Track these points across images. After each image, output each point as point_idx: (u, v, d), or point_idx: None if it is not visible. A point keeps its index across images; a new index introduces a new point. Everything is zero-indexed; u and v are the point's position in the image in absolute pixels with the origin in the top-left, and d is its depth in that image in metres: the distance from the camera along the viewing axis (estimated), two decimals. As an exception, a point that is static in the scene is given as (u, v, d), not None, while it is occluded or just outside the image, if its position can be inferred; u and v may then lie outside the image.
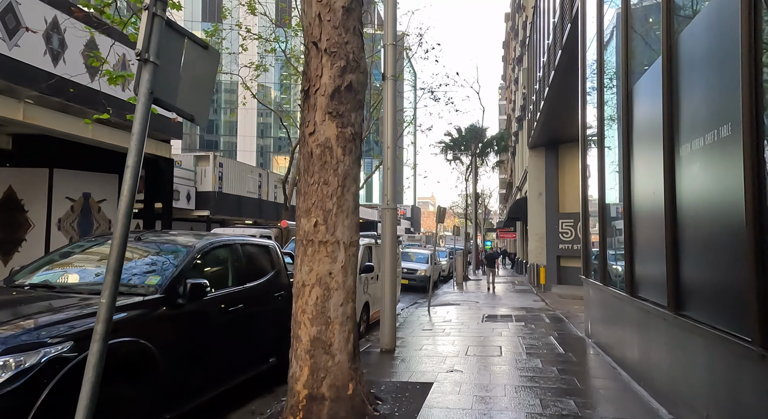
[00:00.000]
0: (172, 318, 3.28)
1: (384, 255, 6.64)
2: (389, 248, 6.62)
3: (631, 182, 4.92)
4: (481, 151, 34.60)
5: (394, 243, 6.65)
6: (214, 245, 4.06)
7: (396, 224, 6.79)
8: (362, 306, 7.88)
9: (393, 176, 6.72)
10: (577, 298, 12.97)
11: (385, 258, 6.63)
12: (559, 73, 10.77)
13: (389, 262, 6.60)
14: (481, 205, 46.15)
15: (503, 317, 9.82)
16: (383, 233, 6.69)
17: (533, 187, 19.19)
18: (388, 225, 6.64)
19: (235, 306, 4.04)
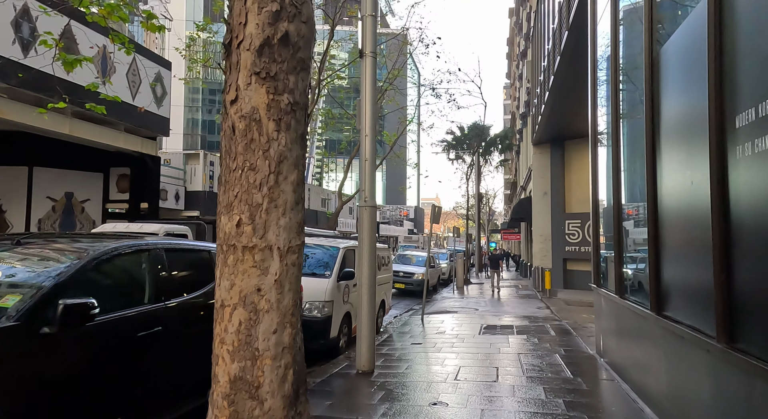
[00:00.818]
0: (31, 354, 2.37)
1: (361, 260, 5.71)
2: (367, 253, 5.69)
3: (657, 172, 3.96)
4: (485, 150, 33.60)
5: (373, 246, 5.72)
6: (121, 251, 3.14)
7: (375, 224, 5.86)
8: (342, 317, 6.96)
9: (372, 169, 5.79)
10: (585, 305, 11.97)
11: (362, 265, 5.70)
12: (566, 58, 9.80)
13: (366, 269, 5.67)
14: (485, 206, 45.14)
15: (503, 328, 8.85)
16: (360, 235, 5.76)
17: (538, 186, 18.19)
18: (366, 226, 5.71)
19: (149, 330, 3.12)
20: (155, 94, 16.21)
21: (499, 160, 35.77)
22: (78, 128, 13.51)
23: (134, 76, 15.10)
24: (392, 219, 61.33)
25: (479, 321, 9.99)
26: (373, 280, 5.71)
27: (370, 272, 5.68)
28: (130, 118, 14.96)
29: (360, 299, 5.65)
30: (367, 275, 5.67)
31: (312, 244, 7.42)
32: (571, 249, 16.64)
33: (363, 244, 5.70)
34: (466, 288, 19.00)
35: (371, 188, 5.79)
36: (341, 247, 7.24)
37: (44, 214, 16.40)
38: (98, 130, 14.36)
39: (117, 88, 14.22)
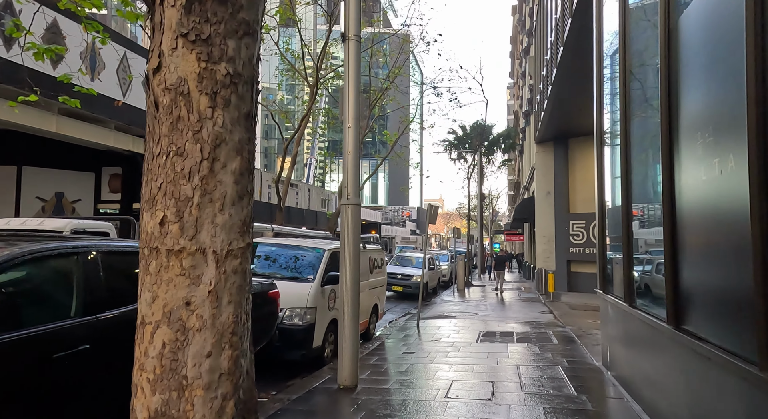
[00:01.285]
0: None
1: (343, 264, 5.19)
2: (349, 255, 5.17)
3: (675, 163, 3.43)
4: (487, 149, 33.05)
5: (356, 248, 5.20)
6: (39, 255, 2.63)
7: (358, 224, 5.35)
8: (327, 325, 6.44)
9: (355, 164, 5.28)
10: (590, 309, 11.41)
11: (344, 269, 5.18)
12: (569, 49, 9.27)
13: (349, 273, 5.15)
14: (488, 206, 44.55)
15: (503, 335, 8.31)
16: (342, 235, 5.25)
17: (541, 186, 17.64)
18: (349, 226, 5.20)
19: (72, 349, 2.62)
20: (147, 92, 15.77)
21: (502, 160, 35.20)
22: (65, 126, 13.05)
23: (125, 73, 14.65)
24: (394, 220, 60.81)
25: (478, 327, 9.46)
26: (356, 285, 5.19)
27: (352, 276, 5.16)
28: (120, 115, 14.48)
29: (342, 307, 5.13)
30: (350, 280, 5.15)
31: (293, 246, 6.92)
32: (575, 251, 16.08)
33: (345, 246, 5.19)
34: (467, 291, 18.45)
35: (354, 184, 5.28)
36: (326, 249, 6.73)
37: (33, 215, 15.98)
38: (87, 127, 13.89)
39: (106, 85, 13.79)
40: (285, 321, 5.88)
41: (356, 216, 5.27)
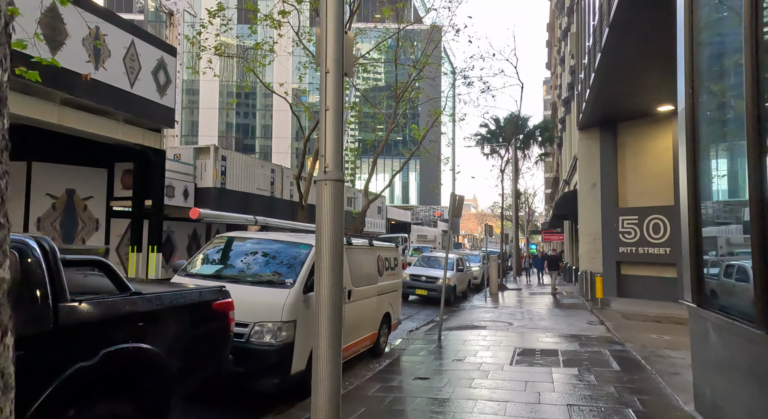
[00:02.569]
0: None
1: (319, 263, 3.69)
2: (327, 252, 3.66)
3: None
4: (523, 143, 30.91)
5: (337, 241, 3.69)
6: None
7: (340, 207, 3.83)
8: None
9: (337, 124, 3.78)
10: (650, 320, 9.47)
11: (320, 270, 3.68)
12: (623, 8, 7.43)
13: (326, 277, 3.64)
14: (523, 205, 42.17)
15: (545, 355, 6.60)
16: (318, 223, 3.75)
17: (585, 177, 15.62)
18: (327, 211, 3.70)
19: None
20: (157, 82, 14.79)
21: (539, 154, 32.94)
22: (68, 117, 12.14)
23: (132, 62, 13.67)
24: (425, 220, 59.06)
25: (513, 341, 7.77)
26: (337, 294, 3.68)
27: (331, 282, 3.65)
28: (129, 107, 13.50)
29: (317, 325, 3.63)
30: (327, 287, 3.65)
31: (271, 240, 5.49)
32: (626, 251, 14.01)
33: (322, 239, 3.69)
34: (501, 295, 16.62)
35: (336, 153, 3.77)
36: (313, 245, 5.27)
37: (44, 212, 15.31)
38: (92, 119, 12.94)
39: (113, 75, 12.87)
40: (253, 339, 4.45)
41: (337, 197, 3.76)
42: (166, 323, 3.04)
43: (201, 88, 53.13)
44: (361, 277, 6.38)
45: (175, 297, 3.15)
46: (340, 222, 3.81)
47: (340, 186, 3.83)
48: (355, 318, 6.13)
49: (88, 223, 16.27)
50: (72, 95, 11.66)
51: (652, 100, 12.21)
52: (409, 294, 14.32)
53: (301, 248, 5.25)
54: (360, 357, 6.63)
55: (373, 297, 6.78)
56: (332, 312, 3.70)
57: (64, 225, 16.08)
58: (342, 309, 3.78)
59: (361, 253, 6.53)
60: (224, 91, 56.05)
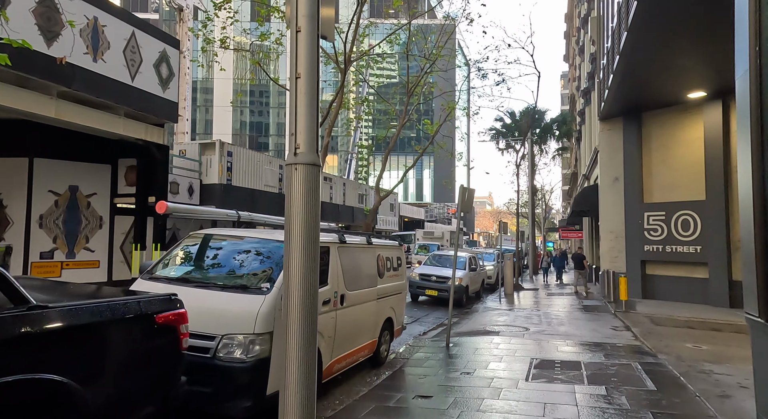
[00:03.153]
0: None
1: (287, 262, 2.99)
2: (298, 248, 2.97)
3: None
4: (539, 137, 29.83)
5: (311, 237, 2.99)
6: None
7: (315, 196, 3.12)
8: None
9: (310, 95, 3.07)
10: (681, 326, 8.58)
11: (288, 270, 2.98)
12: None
13: (296, 278, 2.94)
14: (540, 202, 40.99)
15: (566, 368, 5.82)
16: (287, 216, 3.05)
17: (606, 171, 14.67)
18: (299, 202, 3.00)
19: None
20: (160, 75, 14.29)
21: (557, 149, 31.81)
22: (66, 111, 11.67)
23: (133, 54, 13.17)
24: (439, 218, 58.17)
25: (529, 350, 7.00)
26: (311, 303, 2.98)
27: (305, 287, 2.95)
28: (130, 100, 12.98)
29: (285, 341, 2.94)
30: (300, 292, 2.95)
31: (247, 238, 4.81)
32: (651, 249, 13.05)
33: (292, 234, 2.99)
34: (517, 295, 15.78)
35: (309, 131, 3.06)
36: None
37: (46, 210, 14.95)
38: (91, 113, 12.45)
39: (112, 67, 12.39)
40: (221, 355, 3.79)
41: (311, 185, 3.05)
42: (84, 345, 2.39)
43: (215, 87, 53.14)
44: (357, 280, 5.68)
45: (99, 310, 2.49)
46: (314, 216, 3.10)
47: (315, 172, 3.12)
48: (351, 326, 5.44)
49: (91, 221, 15.88)
50: (69, 88, 11.18)
51: (682, 86, 11.24)
52: (419, 294, 13.59)
53: (281, 247, 4.57)
54: (359, 367, 5.95)
55: (372, 302, 6.08)
56: (305, 325, 3.01)
57: (67, 222, 15.71)
58: (316, 321, 3.09)
59: (357, 253, 5.83)
60: (238, 89, 56.04)
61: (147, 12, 53.44)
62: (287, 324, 3.00)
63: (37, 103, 11.07)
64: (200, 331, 3.82)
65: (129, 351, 2.70)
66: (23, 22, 10.19)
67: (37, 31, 10.58)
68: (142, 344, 2.78)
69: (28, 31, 10.21)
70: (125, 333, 2.68)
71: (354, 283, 5.57)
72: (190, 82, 25.15)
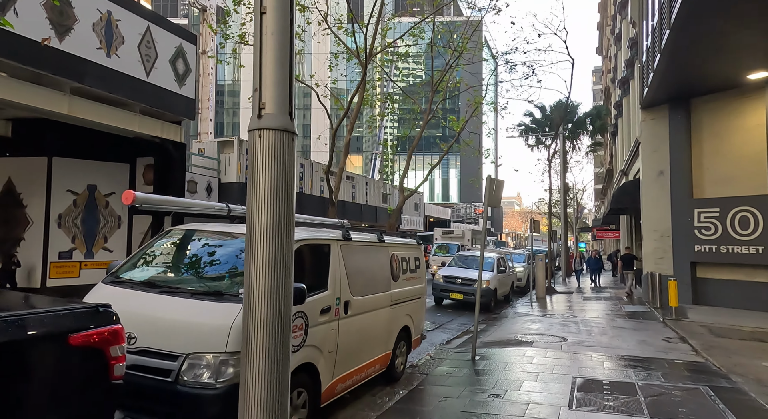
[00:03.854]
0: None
1: (248, 258, 2.19)
2: (265, 244, 2.16)
3: None
4: (571, 132, 28.32)
5: (284, 226, 2.17)
6: None
7: (290, 172, 2.31)
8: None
9: (281, 47, 2.28)
10: (748, 338, 7.37)
11: (249, 268, 2.18)
12: None
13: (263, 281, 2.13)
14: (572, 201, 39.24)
15: (617, 391, 4.83)
16: (250, 198, 2.26)
17: (649, 164, 13.38)
18: (265, 177, 2.20)
19: None
20: (176, 71, 13.84)
21: (591, 144, 30.20)
22: (80, 108, 11.30)
23: (148, 49, 12.73)
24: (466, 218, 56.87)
25: (569, 366, 6.01)
26: (281, 316, 2.16)
27: (272, 291, 2.14)
28: (145, 97, 12.51)
29: (243, 363, 2.14)
30: (265, 299, 2.14)
31: (229, 234, 4.04)
32: (703, 250, 11.72)
33: (254, 222, 2.19)
34: (549, 299, 14.63)
35: (279, 86, 2.25)
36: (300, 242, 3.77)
37: (65, 209, 14.74)
38: (105, 110, 12.03)
39: (127, 63, 11.98)
40: (185, 378, 3.02)
41: (282, 156, 2.23)
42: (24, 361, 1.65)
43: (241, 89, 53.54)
44: (365, 283, 4.85)
45: (17, 325, 1.74)
46: (286, 200, 2.28)
47: (288, 141, 2.29)
48: (357, 338, 4.61)
49: (110, 220, 15.62)
50: (82, 84, 10.76)
51: (742, 65, 9.93)
52: (443, 298, 12.65)
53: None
54: (371, 383, 5.13)
55: (384, 309, 5.24)
56: (273, 347, 2.20)
57: (85, 222, 15.47)
58: (289, 342, 2.27)
59: (366, 252, 5.00)
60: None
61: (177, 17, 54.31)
62: (244, 348, 2.19)
63: (50, 99, 10.67)
64: (160, 349, 3.06)
65: (25, 384, 1.94)
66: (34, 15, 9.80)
67: (48, 25, 10.20)
68: (46, 374, 2.02)
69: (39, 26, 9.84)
70: (18, 360, 1.92)
71: (361, 288, 4.74)
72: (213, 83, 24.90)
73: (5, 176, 14.31)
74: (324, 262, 4.19)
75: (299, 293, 3.37)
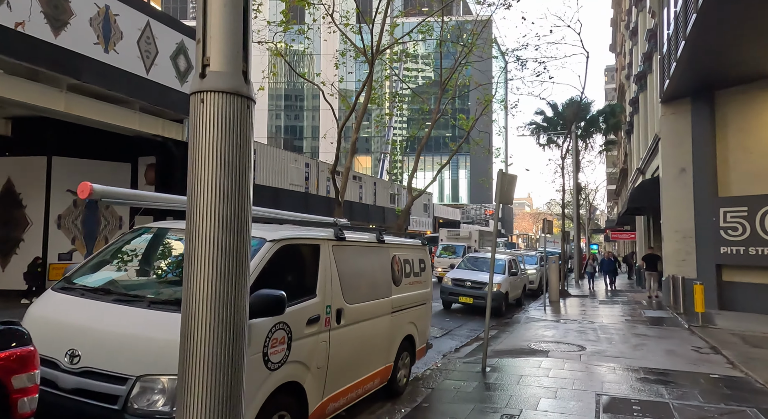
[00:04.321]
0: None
1: (191, 258, 1.67)
2: (209, 235, 1.64)
3: None
4: (584, 131, 27.52)
5: (237, 217, 1.64)
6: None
7: (247, 142, 1.77)
8: (260, 404, 2.94)
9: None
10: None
11: (190, 274, 1.65)
12: None
13: (203, 285, 1.61)
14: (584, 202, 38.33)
15: (649, 412, 4.22)
16: (190, 171, 1.74)
17: (670, 161, 12.67)
18: (211, 149, 1.68)
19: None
20: (177, 68, 13.44)
21: (604, 142, 29.35)
22: (77, 105, 10.91)
23: (148, 45, 12.33)
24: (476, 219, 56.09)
25: (591, 380, 5.41)
26: (236, 331, 1.64)
27: (217, 297, 1.62)
28: (145, 94, 12.06)
29: (180, 388, 1.61)
30: (208, 309, 1.62)
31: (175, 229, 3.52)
32: (730, 251, 11.00)
33: (197, 206, 1.66)
34: (563, 303, 13.96)
35: (231, 36, 1.74)
36: (268, 239, 3.23)
37: (65, 210, 14.39)
38: (105, 108, 11.62)
39: (125, 59, 11.56)
40: (135, 406, 2.50)
41: (236, 124, 1.71)
42: None
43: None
44: (362, 289, 4.31)
45: None
46: (242, 183, 1.74)
47: (241, 107, 1.75)
48: (352, 351, 4.07)
49: (111, 221, 15.25)
50: (79, 80, 10.33)
51: (774, 52, 9.26)
52: (452, 302, 12.06)
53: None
54: (370, 399, 4.59)
55: (384, 317, 4.69)
56: (220, 372, 1.67)
57: (86, 222, 15.11)
58: (243, 363, 1.73)
59: (362, 254, 4.45)
60: (273, 93, 56.32)
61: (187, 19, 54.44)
62: (182, 374, 1.66)
63: (47, 96, 10.25)
64: (106, 370, 2.55)
65: None
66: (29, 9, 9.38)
67: (43, 19, 9.78)
68: None
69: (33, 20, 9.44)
70: None
71: (357, 294, 4.19)
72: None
73: (5, 176, 13.97)
74: (312, 265, 3.66)
75: (276, 301, 2.84)
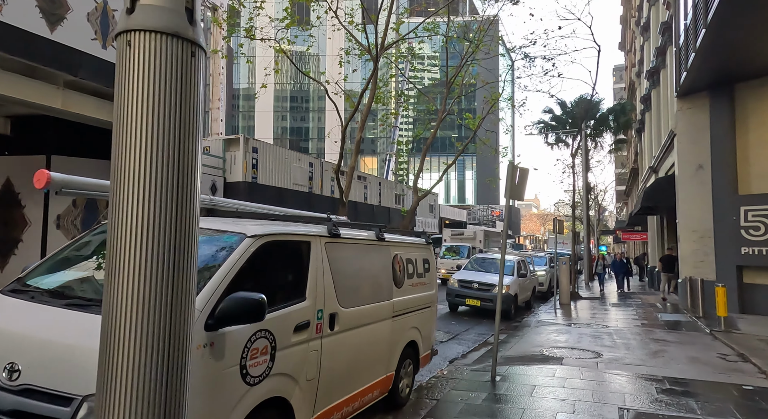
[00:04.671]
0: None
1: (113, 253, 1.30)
2: (135, 225, 1.23)
3: None
4: (594, 129, 26.94)
5: (179, 195, 1.23)
6: None
7: (192, 99, 1.37)
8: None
9: None
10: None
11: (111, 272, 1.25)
12: None
13: (126, 286, 1.20)
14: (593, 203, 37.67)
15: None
16: (115, 136, 1.42)
17: (687, 158, 12.14)
18: (143, 105, 1.28)
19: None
20: (176, 64, 13.15)
21: (615, 141, 28.73)
22: (74, 102, 10.59)
23: None
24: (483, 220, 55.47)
25: (611, 390, 4.94)
26: (178, 344, 1.24)
27: (143, 307, 1.21)
28: None
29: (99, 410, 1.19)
30: (133, 314, 1.21)
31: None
32: (752, 252, 10.46)
33: (122, 185, 1.26)
34: (574, 306, 13.45)
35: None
36: (248, 235, 2.82)
37: (64, 210, 14.07)
38: (103, 105, 11.26)
39: None
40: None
41: (177, 74, 1.30)
42: None
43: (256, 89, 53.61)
44: (359, 291, 3.89)
45: None
46: (187, 155, 1.33)
47: (183, 52, 1.32)
48: (347, 360, 3.65)
49: (110, 221, 14.94)
50: (76, 77, 10.03)
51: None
52: (458, 304, 11.60)
53: (225, 240, 2.83)
54: (369, 412, 4.17)
55: (384, 322, 4.26)
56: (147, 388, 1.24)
57: (85, 223, 14.77)
58: (186, 388, 1.29)
59: (360, 252, 4.03)
60: (279, 95, 56.25)
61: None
62: (98, 398, 1.25)
63: (43, 93, 9.90)
64: (48, 387, 2.15)
65: None
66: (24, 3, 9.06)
67: (38, 14, 9.48)
68: None
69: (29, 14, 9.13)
70: None
71: (353, 297, 3.77)
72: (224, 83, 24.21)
73: (4, 175, 13.68)
74: (301, 265, 3.24)
75: (254, 306, 2.42)
